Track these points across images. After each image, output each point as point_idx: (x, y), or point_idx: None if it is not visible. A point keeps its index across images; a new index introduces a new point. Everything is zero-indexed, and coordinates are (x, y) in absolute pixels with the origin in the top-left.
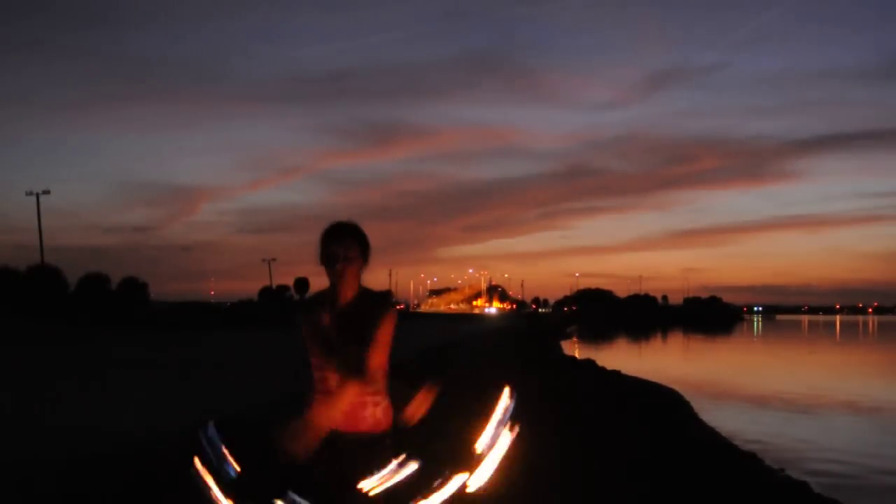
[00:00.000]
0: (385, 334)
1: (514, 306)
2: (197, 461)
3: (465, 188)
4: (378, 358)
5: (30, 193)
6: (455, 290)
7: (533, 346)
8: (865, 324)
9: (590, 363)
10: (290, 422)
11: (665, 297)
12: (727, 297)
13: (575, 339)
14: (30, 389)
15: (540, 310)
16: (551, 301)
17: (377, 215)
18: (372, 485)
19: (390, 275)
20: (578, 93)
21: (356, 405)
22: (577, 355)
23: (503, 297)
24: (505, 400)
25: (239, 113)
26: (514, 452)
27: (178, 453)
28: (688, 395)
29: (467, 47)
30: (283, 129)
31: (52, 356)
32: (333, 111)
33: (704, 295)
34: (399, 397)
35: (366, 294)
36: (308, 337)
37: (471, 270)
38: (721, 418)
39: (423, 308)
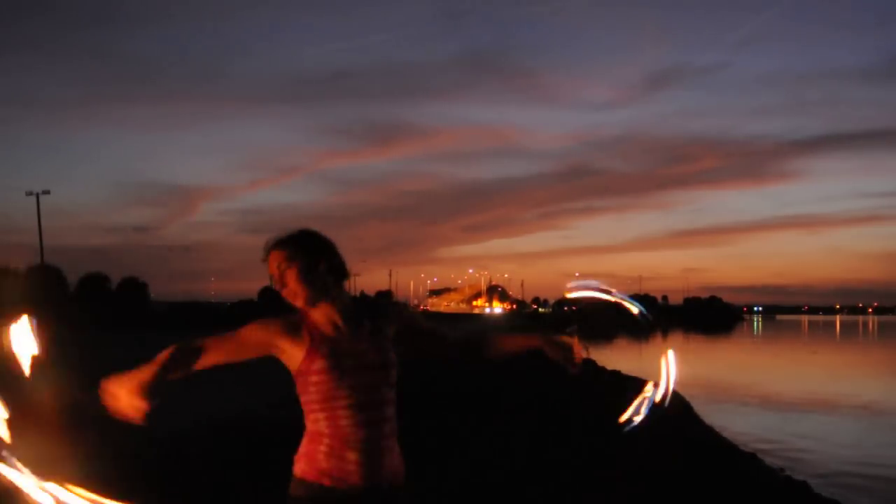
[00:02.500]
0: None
1: (514, 306)
2: None
3: (465, 188)
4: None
5: (30, 193)
6: (455, 290)
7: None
8: (865, 324)
9: (589, 363)
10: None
11: (665, 297)
12: (727, 297)
13: (575, 339)
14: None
15: (540, 310)
16: (551, 301)
17: (377, 215)
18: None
19: (390, 275)
20: (578, 93)
21: (376, 452)
22: None
23: (503, 297)
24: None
25: (239, 113)
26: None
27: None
28: (688, 395)
29: (467, 47)
30: (283, 129)
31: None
32: (333, 111)
33: (704, 295)
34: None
35: None
36: None
37: (471, 270)
38: (721, 418)
39: (423, 308)
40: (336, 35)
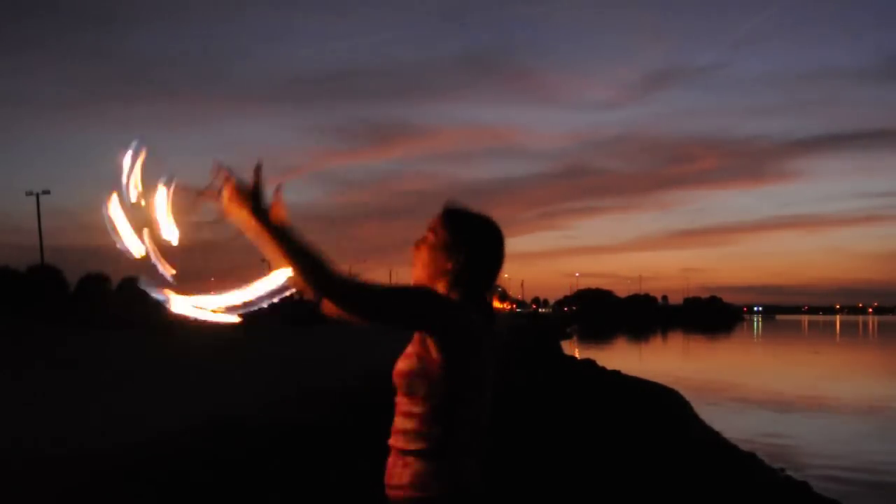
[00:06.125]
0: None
1: (514, 306)
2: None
3: (465, 188)
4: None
5: (30, 193)
6: None
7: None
8: (865, 324)
9: (590, 363)
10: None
11: (665, 297)
12: (727, 297)
13: (575, 339)
14: (28, 390)
15: (540, 310)
16: (551, 301)
17: (377, 215)
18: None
19: (390, 275)
20: (578, 93)
21: (390, 461)
22: (577, 355)
23: (503, 297)
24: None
25: (239, 113)
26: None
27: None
28: (688, 395)
29: (467, 47)
30: (283, 129)
31: (50, 356)
32: (333, 111)
33: (704, 295)
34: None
35: None
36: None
37: None
38: (721, 418)
39: None
40: (336, 35)
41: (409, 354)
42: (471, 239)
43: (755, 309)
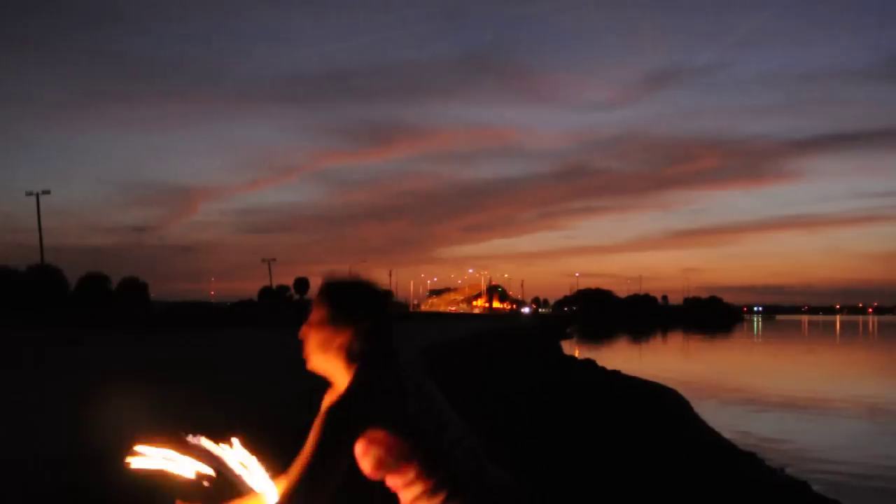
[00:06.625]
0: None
1: (514, 306)
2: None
3: (465, 188)
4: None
5: (30, 193)
6: (455, 290)
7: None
8: (865, 324)
9: (590, 363)
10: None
11: (665, 297)
12: (727, 297)
13: (575, 338)
14: (27, 390)
15: (540, 310)
16: (551, 301)
17: (377, 215)
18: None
19: (390, 275)
20: (578, 93)
21: None
22: (577, 355)
23: (503, 297)
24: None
25: (239, 113)
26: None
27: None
28: (688, 395)
29: (467, 47)
30: (283, 129)
31: (51, 357)
32: (333, 111)
33: (704, 295)
34: None
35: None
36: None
37: (471, 270)
38: (721, 418)
39: (423, 308)
40: (336, 35)
41: (362, 454)
42: (351, 309)
43: (755, 309)
